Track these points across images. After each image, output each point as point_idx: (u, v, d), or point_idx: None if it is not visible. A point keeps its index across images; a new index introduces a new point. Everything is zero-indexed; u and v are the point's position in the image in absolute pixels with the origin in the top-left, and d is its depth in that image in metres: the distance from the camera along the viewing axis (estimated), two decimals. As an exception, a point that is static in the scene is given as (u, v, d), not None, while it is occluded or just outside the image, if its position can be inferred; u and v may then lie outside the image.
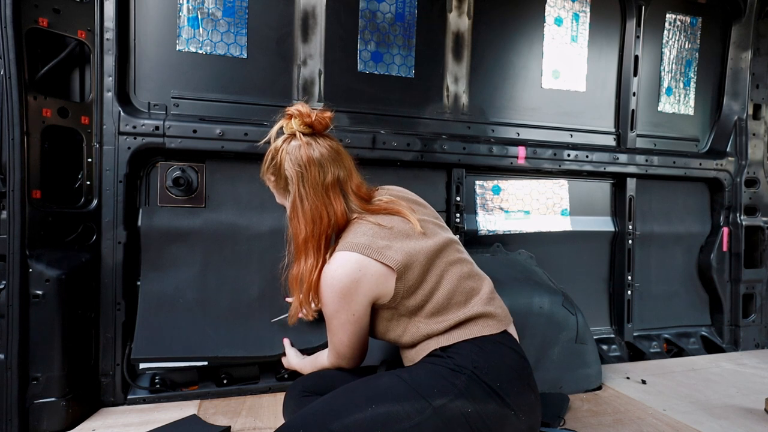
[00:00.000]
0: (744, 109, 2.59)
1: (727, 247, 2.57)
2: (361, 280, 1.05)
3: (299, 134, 1.13)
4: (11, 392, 1.44)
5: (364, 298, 1.08)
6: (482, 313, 1.11)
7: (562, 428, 1.51)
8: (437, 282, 1.10)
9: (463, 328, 1.09)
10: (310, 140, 1.13)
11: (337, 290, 1.06)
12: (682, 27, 2.57)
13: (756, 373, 2.12)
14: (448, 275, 1.12)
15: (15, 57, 1.45)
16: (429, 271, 1.10)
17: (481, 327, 1.10)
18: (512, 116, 2.30)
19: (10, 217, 1.44)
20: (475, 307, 1.12)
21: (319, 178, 1.10)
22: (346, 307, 1.08)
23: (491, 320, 1.12)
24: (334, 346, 1.21)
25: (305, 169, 1.10)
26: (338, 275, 1.05)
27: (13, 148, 1.44)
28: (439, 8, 2.15)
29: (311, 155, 1.10)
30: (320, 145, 1.13)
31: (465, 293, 1.13)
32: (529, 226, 2.31)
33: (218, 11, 1.87)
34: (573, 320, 1.84)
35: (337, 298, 1.07)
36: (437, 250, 1.13)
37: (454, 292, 1.11)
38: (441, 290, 1.10)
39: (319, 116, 1.14)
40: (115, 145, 1.70)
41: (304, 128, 1.13)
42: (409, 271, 1.07)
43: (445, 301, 1.10)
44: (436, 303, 1.09)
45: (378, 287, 1.07)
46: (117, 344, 1.71)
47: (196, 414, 1.60)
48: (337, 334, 1.16)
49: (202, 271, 1.84)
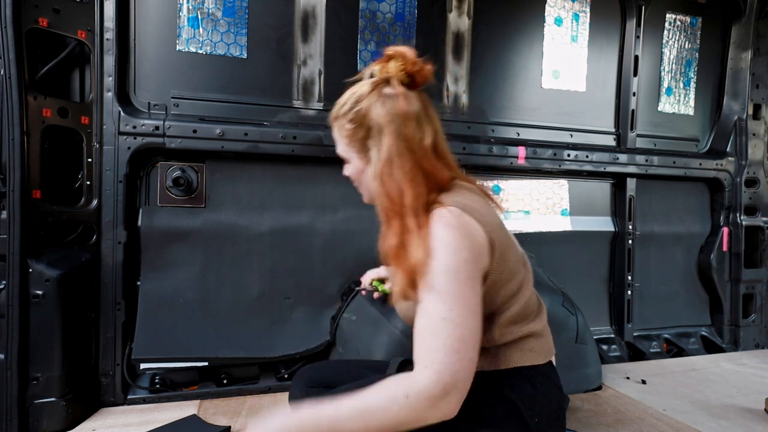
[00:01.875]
0: (744, 109, 2.59)
1: (727, 247, 2.57)
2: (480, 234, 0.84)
3: (396, 81, 0.94)
4: (11, 392, 1.44)
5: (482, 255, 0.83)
6: (542, 332, 0.99)
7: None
8: (520, 287, 0.93)
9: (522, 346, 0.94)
10: (410, 95, 0.93)
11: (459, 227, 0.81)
12: (682, 27, 2.57)
13: (756, 373, 2.12)
14: (527, 284, 0.97)
15: (15, 57, 1.45)
16: (516, 270, 0.93)
17: (538, 352, 0.96)
18: (512, 116, 2.30)
19: (10, 217, 1.44)
20: (539, 324, 0.98)
21: (417, 135, 0.91)
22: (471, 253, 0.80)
23: (546, 343, 1.00)
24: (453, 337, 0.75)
25: (402, 122, 0.90)
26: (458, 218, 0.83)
27: (13, 148, 1.44)
28: (439, 8, 2.15)
29: (409, 108, 0.91)
30: (422, 105, 0.94)
31: (540, 306, 1.00)
32: (529, 226, 2.31)
33: (218, 11, 1.87)
34: (573, 320, 1.84)
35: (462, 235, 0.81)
36: (522, 255, 1.00)
37: (533, 298, 0.98)
38: (521, 297, 0.93)
39: (423, 67, 0.96)
40: (115, 145, 1.70)
41: (404, 76, 0.95)
42: (503, 258, 0.88)
43: (526, 305, 0.94)
44: (515, 310, 0.92)
45: (484, 254, 0.84)
46: (117, 344, 1.71)
47: (196, 414, 1.60)
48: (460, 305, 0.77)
49: (202, 271, 1.84)
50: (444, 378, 0.72)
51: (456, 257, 0.79)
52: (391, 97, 0.92)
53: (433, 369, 0.73)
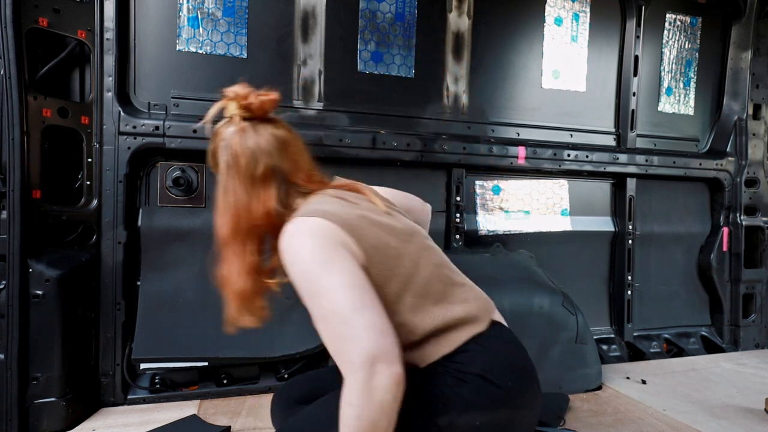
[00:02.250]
0: (744, 109, 2.59)
1: (727, 247, 2.57)
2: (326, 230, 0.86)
3: (237, 119, 0.99)
4: (11, 392, 1.44)
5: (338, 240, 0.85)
6: (473, 310, 0.98)
7: (562, 428, 1.51)
8: (414, 267, 0.93)
9: (458, 328, 0.94)
10: (247, 126, 0.99)
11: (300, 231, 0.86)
12: (682, 27, 2.57)
13: (756, 373, 2.12)
14: (424, 261, 0.96)
15: (15, 57, 1.45)
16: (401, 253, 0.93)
17: (476, 324, 0.96)
18: (512, 116, 2.30)
19: (10, 217, 1.44)
20: (465, 301, 0.98)
21: (249, 168, 0.96)
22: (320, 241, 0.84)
23: (484, 312, 1.00)
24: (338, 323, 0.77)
25: (233, 158, 0.96)
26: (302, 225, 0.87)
27: (13, 148, 1.45)
28: (439, 8, 2.15)
29: (243, 144, 0.97)
30: (258, 133, 0.98)
31: (446, 283, 0.98)
32: (529, 226, 2.31)
33: (218, 11, 1.87)
34: (573, 320, 1.84)
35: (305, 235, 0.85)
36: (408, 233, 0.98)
37: (433, 281, 0.95)
38: (419, 277, 0.93)
39: (259, 99, 1.00)
40: (115, 145, 1.70)
41: (242, 112, 0.99)
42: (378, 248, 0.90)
43: (424, 291, 0.93)
44: (415, 292, 0.92)
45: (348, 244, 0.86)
46: (117, 344, 1.71)
47: (196, 414, 1.60)
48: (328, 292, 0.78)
49: (202, 271, 1.84)
50: (358, 363, 0.73)
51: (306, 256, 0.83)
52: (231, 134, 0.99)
53: (346, 365, 0.74)
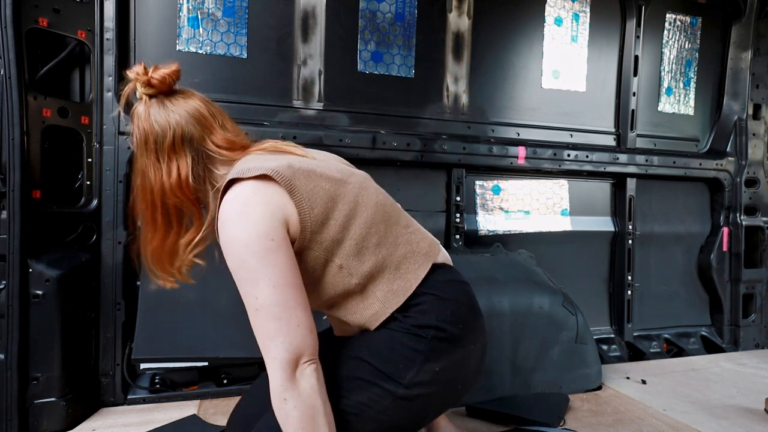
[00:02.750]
0: (744, 109, 2.59)
1: (727, 247, 2.57)
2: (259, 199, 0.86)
3: (144, 98, 0.99)
4: (11, 392, 1.44)
5: (273, 219, 0.85)
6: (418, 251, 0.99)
7: (562, 428, 1.51)
8: (353, 203, 0.94)
9: (405, 270, 0.95)
10: (153, 102, 0.98)
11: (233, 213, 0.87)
12: (682, 27, 2.57)
13: (756, 373, 2.12)
14: (363, 201, 0.95)
15: (15, 57, 1.45)
16: (338, 189, 0.93)
17: (421, 267, 0.97)
18: (512, 116, 2.30)
19: (10, 217, 1.44)
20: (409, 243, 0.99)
21: (157, 142, 0.96)
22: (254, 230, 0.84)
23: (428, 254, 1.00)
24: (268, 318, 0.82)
25: (142, 135, 0.97)
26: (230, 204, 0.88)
27: (13, 148, 1.44)
28: (439, 8, 2.15)
29: (150, 119, 0.97)
30: (166, 107, 0.98)
31: (388, 224, 0.98)
32: (529, 226, 2.31)
33: (218, 11, 1.87)
34: (573, 320, 1.84)
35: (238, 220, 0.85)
36: (345, 175, 0.98)
37: (375, 222, 0.95)
38: (359, 218, 0.93)
39: (159, 73, 0.98)
40: (115, 145, 1.70)
41: (146, 89, 0.98)
42: (311, 191, 0.89)
43: (365, 232, 0.93)
44: (356, 234, 0.92)
45: (282, 208, 0.87)
46: (117, 344, 1.71)
47: (196, 414, 1.60)
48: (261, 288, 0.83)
49: (202, 271, 1.84)
50: (284, 358, 0.80)
51: (241, 247, 0.84)
52: (138, 113, 0.99)
53: (271, 361, 0.81)
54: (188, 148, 0.98)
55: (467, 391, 1.02)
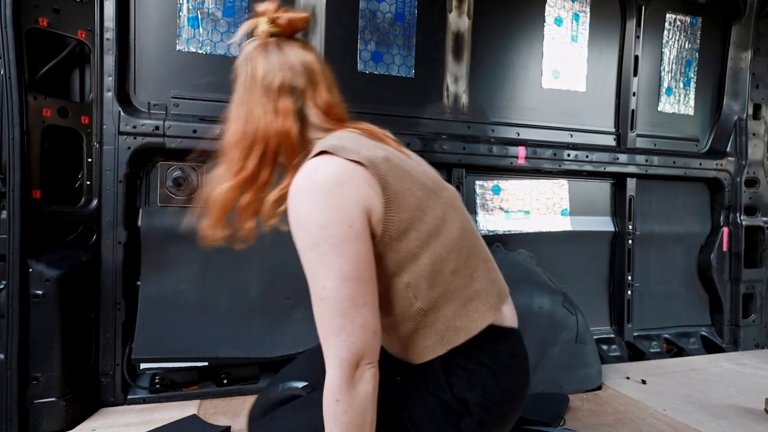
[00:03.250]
0: (744, 109, 2.59)
1: (727, 247, 2.57)
2: (348, 181, 0.77)
3: (263, 34, 0.94)
4: (11, 392, 1.44)
5: (356, 205, 0.76)
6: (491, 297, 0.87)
7: (563, 428, 1.51)
8: (441, 219, 0.83)
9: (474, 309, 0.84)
10: (271, 41, 0.93)
11: (312, 188, 0.76)
12: (682, 27, 2.57)
13: (756, 373, 2.12)
14: (450, 220, 0.85)
15: (15, 57, 1.45)
16: (429, 200, 0.83)
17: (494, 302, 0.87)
18: (512, 116, 2.30)
19: (10, 217, 1.44)
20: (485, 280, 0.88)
21: (266, 81, 0.90)
22: (336, 214, 0.74)
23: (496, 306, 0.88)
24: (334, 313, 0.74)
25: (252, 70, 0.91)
26: (311, 176, 0.78)
27: (13, 148, 1.44)
28: (439, 8, 2.14)
29: (264, 57, 0.92)
30: (282, 51, 0.92)
31: (470, 252, 0.86)
32: (529, 226, 2.31)
33: (218, 11, 1.87)
34: (573, 320, 1.84)
35: (316, 197, 0.75)
36: (437, 186, 0.88)
37: (456, 246, 0.84)
38: (441, 238, 0.83)
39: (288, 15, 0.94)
40: (115, 145, 1.70)
41: (270, 27, 0.94)
42: (403, 192, 0.80)
43: (444, 254, 0.82)
44: (434, 254, 0.81)
45: (368, 196, 0.78)
46: (117, 344, 1.71)
47: (196, 414, 1.60)
48: (331, 277, 0.74)
49: (202, 271, 1.84)
50: (345, 357, 0.72)
51: (316, 227, 0.75)
52: (253, 47, 0.93)
53: (332, 359, 0.73)
54: (292, 97, 0.92)
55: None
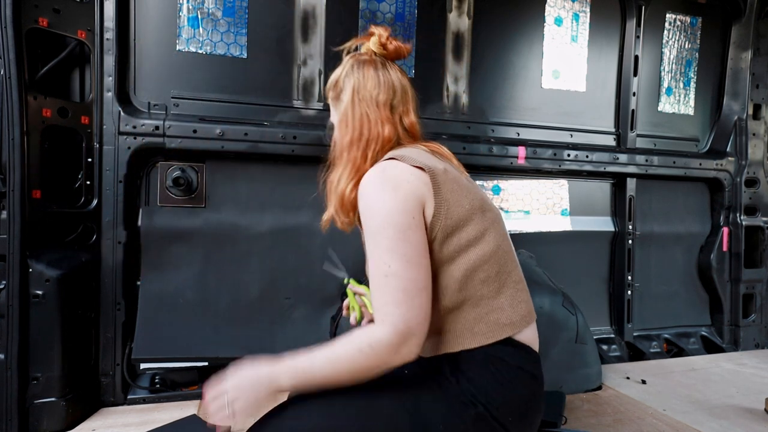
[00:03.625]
0: (744, 109, 2.59)
1: (727, 247, 2.57)
2: (408, 179, 0.89)
3: (371, 52, 1.09)
4: (11, 392, 1.44)
5: (416, 199, 0.87)
6: (513, 315, 0.94)
7: (563, 428, 1.51)
8: (480, 233, 0.92)
9: (494, 320, 0.91)
10: (379, 61, 1.08)
11: (382, 181, 0.88)
12: (682, 27, 2.57)
13: (756, 373, 2.12)
14: (489, 236, 0.93)
15: (15, 57, 1.45)
16: (473, 214, 0.92)
17: (516, 320, 0.94)
18: (512, 116, 2.30)
19: (10, 217, 1.44)
20: (512, 297, 0.96)
21: (374, 92, 1.04)
22: (400, 204, 0.85)
23: (522, 322, 0.96)
24: (398, 288, 0.81)
25: (363, 78, 1.05)
26: (381, 172, 0.90)
27: (13, 148, 1.45)
28: (439, 8, 2.14)
29: (374, 72, 1.05)
30: (386, 71, 1.07)
31: (502, 268, 0.95)
32: (529, 226, 2.31)
33: (218, 11, 1.87)
34: (573, 320, 1.84)
35: (385, 189, 0.87)
36: (484, 204, 0.97)
37: (490, 259, 0.92)
38: (482, 245, 0.91)
39: (396, 43, 1.09)
40: (115, 145, 1.70)
41: (379, 49, 1.09)
42: (453, 201, 0.90)
43: (477, 264, 0.90)
44: (468, 261, 0.90)
45: (424, 197, 0.88)
46: (117, 344, 1.71)
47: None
48: (398, 259, 0.82)
49: (202, 271, 1.84)
50: (399, 327, 0.79)
51: (385, 214, 0.85)
52: (363, 62, 1.07)
53: (388, 321, 0.80)
54: (394, 114, 1.07)
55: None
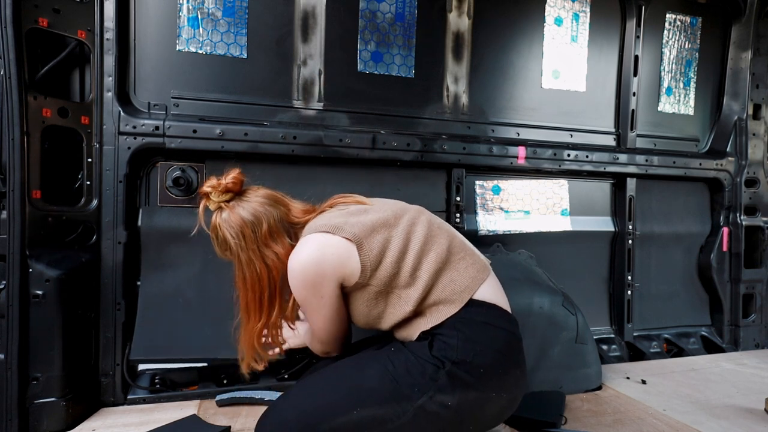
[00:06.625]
0: (744, 109, 2.59)
1: (727, 247, 2.57)
2: (322, 259, 1.06)
3: (223, 204, 1.17)
4: (11, 392, 1.44)
5: (331, 279, 1.07)
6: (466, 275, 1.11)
7: (563, 428, 1.51)
8: (404, 243, 1.10)
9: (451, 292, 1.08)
10: (236, 203, 1.17)
11: (300, 275, 1.07)
12: (682, 27, 2.57)
13: (756, 373, 2.12)
14: (415, 235, 1.12)
15: (15, 57, 1.45)
16: (392, 235, 1.10)
17: (466, 291, 1.09)
18: (512, 116, 2.30)
19: (10, 217, 1.44)
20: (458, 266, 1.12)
21: (255, 235, 1.14)
22: (313, 291, 1.08)
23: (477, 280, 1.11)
24: (314, 333, 1.21)
25: (240, 234, 1.14)
26: (300, 260, 1.08)
27: (13, 148, 1.44)
28: (439, 8, 2.14)
29: (242, 217, 1.15)
30: (249, 201, 1.17)
31: (436, 247, 1.12)
32: (529, 226, 2.31)
33: (218, 11, 1.87)
34: (573, 320, 1.84)
35: (303, 283, 1.08)
36: (397, 215, 1.14)
37: (423, 251, 1.10)
38: (410, 251, 1.09)
39: (230, 178, 1.18)
40: (115, 145, 1.70)
41: (225, 196, 1.17)
42: (369, 239, 1.08)
43: (416, 262, 1.09)
44: (408, 266, 1.08)
45: (342, 265, 1.07)
46: (117, 344, 1.71)
47: (196, 414, 1.60)
48: (314, 321, 1.15)
49: (202, 271, 1.84)
50: (321, 351, 1.27)
51: (303, 291, 1.10)
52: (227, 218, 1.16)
53: (316, 346, 1.27)
54: (281, 226, 1.18)
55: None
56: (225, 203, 1.17)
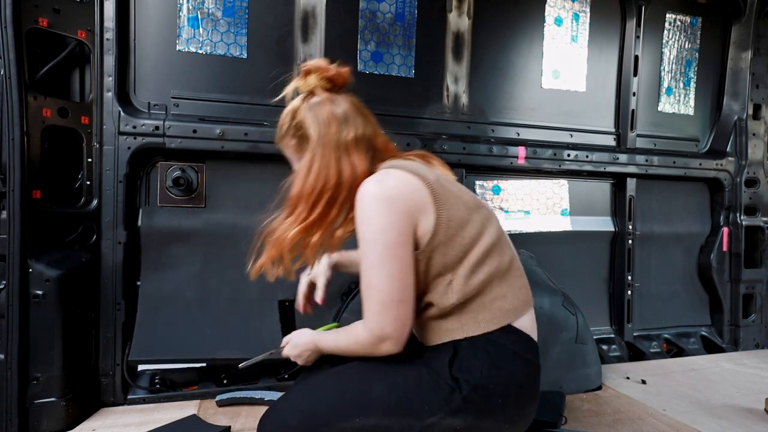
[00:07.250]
0: (744, 109, 2.59)
1: (727, 247, 2.57)
2: (406, 197, 0.92)
3: (319, 90, 1.05)
4: (11, 392, 1.44)
5: (405, 224, 0.91)
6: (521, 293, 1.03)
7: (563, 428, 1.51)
8: (479, 230, 0.97)
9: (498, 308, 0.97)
10: (331, 96, 1.04)
11: (375, 202, 0.91)
12: (682, 27, 2.57)
13: (756, 373, 2.12)
14: (488, 231, 0.99)
15: (15, 57, 1.45)
16: (471, 219, 0.97)
17: (519, 305, 1.00)
18: (512, 116, 2.30)
19: (10, 217, 1.44)
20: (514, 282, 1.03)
21: (340, 135, 1.00)
22: (392, 221, 0.90)
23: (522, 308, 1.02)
24: (375, 300, 0.91)
25: (326, 126, 1.00)
26: (381, 187, 0.92)
27: (13, 148, 1.44)
28: (439, 8, 2.14)
29: (334, 111, 1.01)
30: (342, 103, 1.03)
31: (503, 254, 1.01)
32: (529, 226, 2.31)
33: (218, 11, 1.87)
34: (573, 320, 1.84)
35: (376, 211, 0.90)
36: (476, 203, 1.02)
37: (489, 252, 0.97)
38: (480, 244, 0.96)
39: (340, 71, 1.06)
40: (115, 145, 1.70)
41: (324, 83, 1.04)
42: (452, 209, 0.95)
43: (481, 257, 0.96)
44: (473, 258, 0.95)
45: (419, 216, 0.92)
46: (117, 344, 1.71)
47: (196, 414, 1.60)
48: (372, 276, 0.91)
49: (202, 271, 1.84)
50: (375, 332, 0.92)
51: (374, 230, 0.91)
52: (318, 104, 1.03)
53: (367, 326, 0.93)
54: (365, 144, 1.03)
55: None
56: (320, 89, 1.04)
